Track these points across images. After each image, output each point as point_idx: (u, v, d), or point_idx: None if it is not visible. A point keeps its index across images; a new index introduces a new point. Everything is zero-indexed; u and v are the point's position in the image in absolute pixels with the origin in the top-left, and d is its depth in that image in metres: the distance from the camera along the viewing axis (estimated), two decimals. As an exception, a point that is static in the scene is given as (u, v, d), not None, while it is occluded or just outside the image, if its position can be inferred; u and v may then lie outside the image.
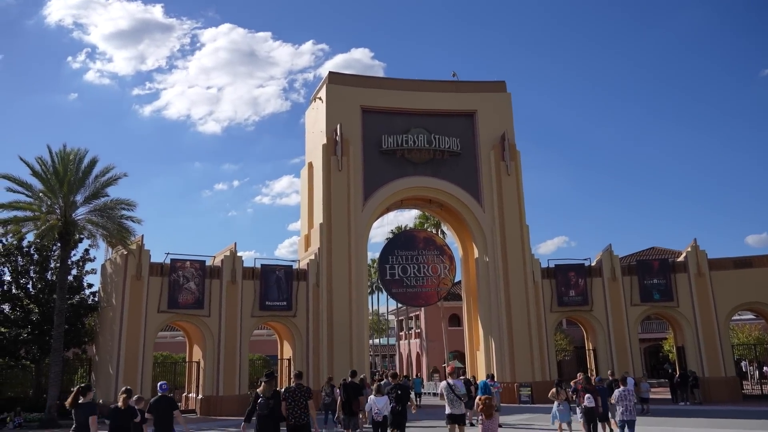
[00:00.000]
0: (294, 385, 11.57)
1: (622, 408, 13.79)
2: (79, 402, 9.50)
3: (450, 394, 13.05)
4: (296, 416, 11.01)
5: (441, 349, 46.92)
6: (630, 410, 13.78)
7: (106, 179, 24.70)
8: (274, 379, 11.41)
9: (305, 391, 11.35)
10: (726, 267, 30.41)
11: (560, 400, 15.84)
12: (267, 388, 10.89)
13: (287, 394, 11.23)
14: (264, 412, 10.73)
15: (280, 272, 28.97)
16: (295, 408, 11.02)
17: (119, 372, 24.94)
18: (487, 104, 33.09)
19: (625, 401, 13.81)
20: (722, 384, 28.77)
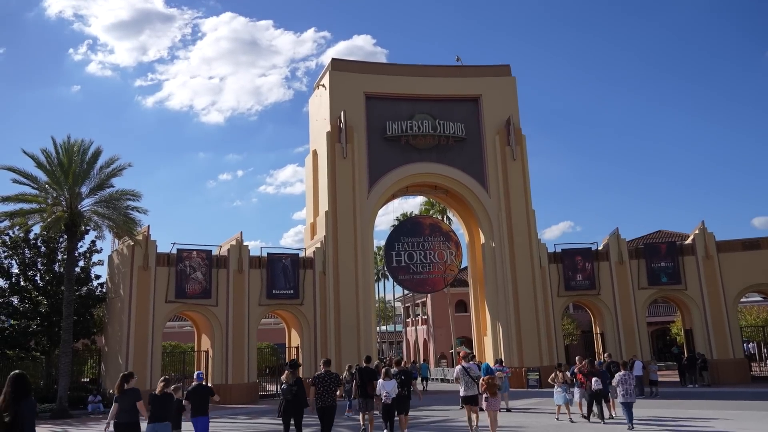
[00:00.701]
0: (323, 371, 12.31)
1: (623, 390, 14.54)
2: (125, 388, 10.18)
3: (465, 377, 13.92)
4: (324, 400, 11.88)
5: (448, 336, 46.97)
6: (630, 393, 14.49)
7: (111, 170, 24.68)
8: (298, 368, 12.37)
9: (334, 378, 12.20)
10: (734, 249, 30.23)
11: (560, 383, 16.35)
12: (290, 376, 11.87)
13: (317, 380, 12.07)
14: (288, 397, 11.68)
15: (287, 261, 28.99)
16: (324, 392, 11.91)
17: (128, 362, 25.07)
18: (492, 89, 32.84)
19: (626, 384, 14.55)
20: (731, 366, 28.72)
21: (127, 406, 10.01)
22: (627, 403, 14.50)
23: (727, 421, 14.87)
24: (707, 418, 15.53)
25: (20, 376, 6.96)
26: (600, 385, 15.59)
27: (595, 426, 15.33)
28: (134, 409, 10.01)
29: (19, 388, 6.78)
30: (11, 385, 6.77)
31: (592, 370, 16.13)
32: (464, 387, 13.97)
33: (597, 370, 16.16)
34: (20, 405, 6.63)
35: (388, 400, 13.14)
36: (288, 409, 11.71)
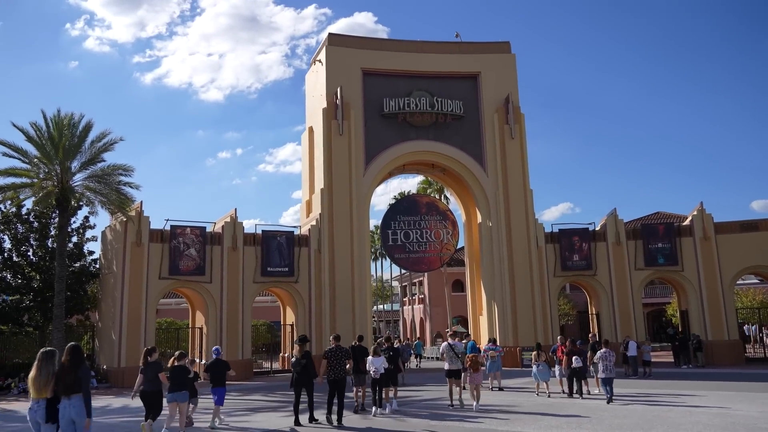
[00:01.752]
0: (334, 346, 13.28)
1: (603, 366, 15.44)
2: (148, 361, 11.55)
3: (450, 353, 15.26)
4: (336, 372, 12.81)
5: (444, 315, 47.05)
6: (609, 369, 15.38)
7: (102, 144, 24.30)
8: (306, 343, 13.18)
9: (344, 352, 13.23)
10: (732, 230, 30.04)
11: (540, 362, 17.10)
12: (300, 350, 12.75)
13: (329, 353, 13.08)
14: (297, 369, 12.49)
15: (282, 238, 28.80)
16: (335, 365, 12.87)
17: (122, 338, 25.02)
18: (491, 66, 32.36)
19: (606, 361, 15.45)
20: (725, 347, 28.72)
21: (151, 376, 11.35)
22: (608, 378, 15.31)
23: (704, 398, 14.83)
24: (684, 395, 15.47)
25: (76, 347, 8.28)
26: (579, 363, 16.42)
27: (578, 402, 15.41)
28: (157, 379, 11.32)
29: (76, 356, 8.15)
30: (69, 354, 8.14)
31: (573, 350, 16.94)
32: (448, 362, 15.23)
33: (577, 350, 16.94)
34: (78, 369, 8.00)
35: (377, 375, 13.99)
36: (298, 380, 12.47)
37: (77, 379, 7.87)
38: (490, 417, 13.13)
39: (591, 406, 14.42)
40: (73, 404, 7.80)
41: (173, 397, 11.62)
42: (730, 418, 11.94)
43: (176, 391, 11.66)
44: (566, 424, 11.78)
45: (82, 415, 7.82)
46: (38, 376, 7.87)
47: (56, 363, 8.12)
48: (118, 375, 24.77)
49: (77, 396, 7.84)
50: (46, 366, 7.94)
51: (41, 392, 7.83)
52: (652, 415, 12.66)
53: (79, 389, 7.85)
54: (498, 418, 12.90)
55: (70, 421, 7.79)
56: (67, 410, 7.79)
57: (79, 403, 7.83)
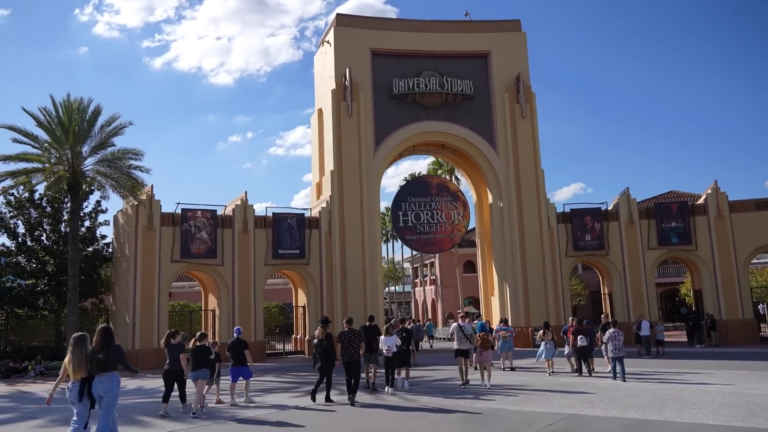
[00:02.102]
0: (347, 329, 13.65)
1: (612, 346, 15.79)
2: (171, 342, 12.36)
3: (459, 333, 15.81)
4: (350, 354, 13.24)
5: (456, 296, 47.08)
6: (618, 348, 15.72)
7: (112, 128, 24.32)
8: (328, 324, 13.57)
9: (357, 334, 13.65)
10: (747, 209, 29.64)
11: (547, 340, 17.74)
12: (322, 331, 13.20)
13: (342, 336, 13.44)
14: (319, 350, 13.04)
15: (292, 220, 28.82)
16: (349, 347, 13.29)
17: (135, 320, 25.28)
18: (501, 44, 31.91)
19: (615, 341, 15.80)
20: (739, 326, 28.49)
21: (174, 356, 12.18)
22: (618, 357, 15.65)
23: (718, 377, 14.69)
24: (698, 374, 15.33)
25: (106, 329, 8.87)
26: (585, 342, 16.86)
27: (590, 381, 15.41)
28: (179, 360, 12.09)
29: (107, 336, 8.68)
30: (100, 335, 8.69)
31: (578, 329, 17.34)
32: (458, 342, 15.79)
33: (583, 329, 17.35)
34: (109, 349, 8.54)
35: (389, 354, 14.48)
36: (320, 362, 13.07)
37: (108, 358, 8.41)
38: (502, 396, 13.13)
39: (603, 385, 14.36)
40: (102, 381, 8.35)
41: (195, 375, 12.39)
42: (744, 397, 11.83)
43: (197, 369, 12.43)
44: (578, 403, 11.73)
45: (108, 391, 8.37)
46: (72, 359, 8.42)
47: (88, 346, 8.60)
48: (132, 357, 24.89)
49: (108, 374, 8.39)
50: (78, 349, 8.47)
51: (76, 374, 8.40)
52: (665, 394, 12.58)
53: (111, 368, 8.43)
54: (510, 398, 12.89)
55: (99, 396, 8.40)
56: (97, 387, 8.37)
57: (108, 381, 8.38)
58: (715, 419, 9.68)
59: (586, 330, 17.27)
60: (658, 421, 9.68)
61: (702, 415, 10.06)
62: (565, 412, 10.73)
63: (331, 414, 11.79)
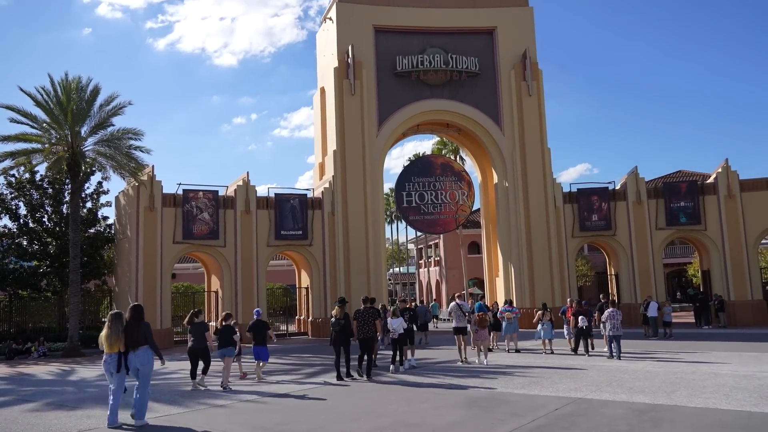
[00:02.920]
0: (363, 308, 14.13)
1: (610, 326, 16.28)
2: (195, 321, 13.21)
3: (457, 311, 16.59)
4: (365, 332, 13.69)
5: (460, 277, 46.84)
6: (617, 327, 16.20)
7: (111, 108, 23.92)
8: (345, 304, 14.05)
9: (373, 312, 14.06)
10: (758, 188, 29.08)
11: (545, 321, 18.30)
12: (339, 311, 13.66)
13: (358, 314, 13.90)
14: (336, 329, 13.45)
15: (295, 201, 28.50)
16: (364, 325, 13.73)
17: (138, 301, 25.01)
18: (507, 20, 31.19)
19: (613, 320, 16.29)
20: (748, 307, 28.14)
21: (198, 335, 13.06)
22: (615, 336, 16.13)
23: (728, 360, 14.31)
24: (707, 356, 15.00)
25: (137, 306, 9.67)
26: (586, 322, 17.30)
27: (597, 363, 15.06)
28: (203, 337, 13.03)
29: (137, 313, 9.49)
30: (131, 313, 9.51)
31: (579, 310, 17.79)
32: (456, 320, 16.66)
33: (583, 310, 17.79)
34: (140, 325, 9.37)
35: (395, 335, 14.97)
36: (337, 339, 13.44)
37: (140, 334, 9.26)
38: (507, 378, 12.85)
39: (611, 368, 14.05)
40: (138, 355, 9.22)
41: (222, 353, 13.14)
42: (757, 380, 11.48)
43: (224, 347, 13.17)
44: (585, 386, 11.42)
45: (145, 364, 9.31)
46: (110, 334, 9.20)
47: (123, 322, 9.39)
48: (135, 339, 24.93)
49: (142, 348, 9.26)
50: (115, 325, 9.22)
51: (113, 347, 9.19)
52: (674, 377, 12.25)
53: (142, 342, 9.25)
54: (515, 380, 12.60)
55: (136, 369, 9.27)
56: (133, 361, 9.22)
57: (143, 354, 9.27)
58: (728, 404, 9.34)
59: (585, 311, 17.76)
60: (668, 406, 9.36)
61: (714, 399, 9.74)
62: (571, 396, 10.42)
63: (332, 395, 11.54)
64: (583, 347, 17.39)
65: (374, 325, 13.86)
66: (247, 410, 10.36)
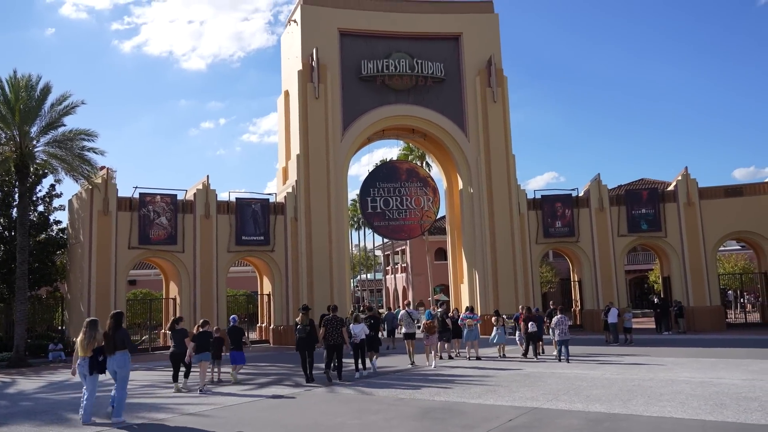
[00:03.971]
0: (330, 315, 14.76)
1: (559, 331, 17.39)
2: (176, 328, 14.10)
3: (407, 319, 18.15)
4: (333, 338, 14.26)
5: (426, 283, 46.58)
6: (564, 332, 17.32)
7: (63, 108, 22.98)
8: (309, 311, 14.83)
9: (339, 320, 14.66)
10: (716, 196, 29.59)
11: (498, 326, 19.17)
12: (304, 318, 14.33)
13: (326, 322, 14.50)
14: (302, 335, 14.13)
15: (257, 206, 27.88)
16: (332, 332, 14.29)
17: (90, 309, 24.13)
18: (473, 26, 31.19)
19: (561, 326, 17.42)
20: (707, 313, 28.53)
21: (179, 340, 13.90)
22: (564, 340, 17.17)
23: (686, 366, 14.31)
24: (665, 362, 15.00)
25: (117, 314, 10.33)
26: (534, 328, 18.43)
27: (556, 372, 14.84)
28: (183, 343, 13.76)
29: (116, 321, 10.12)
30: (111, 320, 10.14)
31: (529, 316, 18.90)
32: (406, 326, 18.04)
33: (532, 316, 18.93)
34: (118, 331, 10.03)
35: (357, 341, 15.38)
36: (302, 344, 14.10)
37: (117, 339, 9.90)
38: (464, 387, 12.55)
39: (569, 375, 13.88)
40: (116, 359, 9.88)
41: (198, 357, 13.69)
42: (713, 387, 11.42)
43: (200, 352, 13.72)
44: (542, 395, 11.18)
45: (122, 367, 9.97)
46: (84, 339, 9.91)
47: (99, 329, 10.08)
48: (87, 348, 23.96)
49: (119, 352, 9.90)
50: (90, 331, 9.95)
51: (86, 351, 9.85)
52: (632, 384, 12.12)
53: (120, 347, 9.90)
54: (472, 389, 12.31)
55: (114, 371, 9.93)
56: (111, 364, 9.89)
57: (120, 358, 9.92)
58: (684, 412, 9.19)
59: (534, 317, 18.87)
60: (624, 415, 9.16)
61: (670, 407, 9.58)
62: (527, 406, 10.16)
63: (280, 407, 11.08)
64: (532, 351, 18.47)
65: (341, 332, 14.40)
66: (185, 425, 9.79)
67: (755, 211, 29.02)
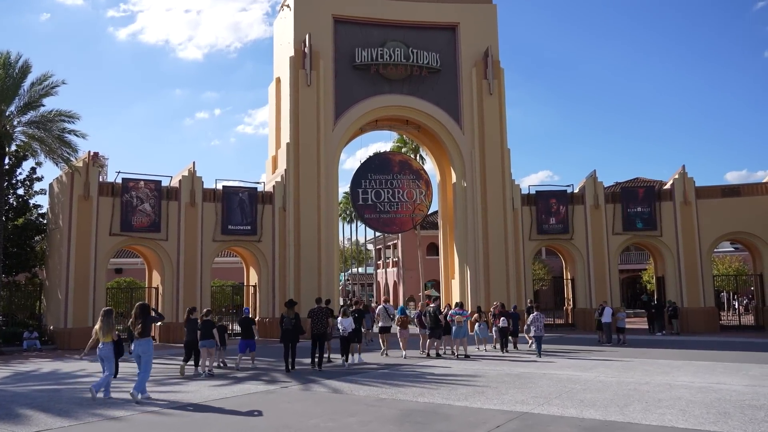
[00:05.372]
0: (317, 307, 15.90)
1: (535, 327, 18.22)
2: (190, 318, 15.21)
3: (384, 314, 19.23)
4: (318, 328, 15.34)
5: (417, 278, 45.94)
6: (540, 329, 18.17)
7: (43, 88, 22.13)
8: (295, 304, 15.84)
9: (325, 311, 15.84)
10: (713, 195, 29.03)
11: (481, 322, 20.33)
12: (289, 311, 15.38)
13: (312, 313, 15.61)
14: (288, 327, 15.09)
15: (244, 194, 27.10)
16: (317, 322, 15.39)
17: (68, 297, 23.38)
18: (470, 16, 30.41)
19: (537, 322, 18.23)
20: (701, 314, 28.01)
21: (191, 329, 14.92)
22: (538, 336, 18.06)
23: (683, 369, 13.71)
24: (661, 364, 14.41)
25: (142, 305, 11.76)
26: (506, 323, 19.64)
27: (548, 373, 14.16)
28: (195, 332, 14.80)
29: (142, 311, 11.55)
30: (137, 310, 11.61)
31: (502, 312, 20.16)
32: (382, 321, 19.19)
33: (504, 312, 20.23)
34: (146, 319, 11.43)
35: (345, 333, 16.20)
36: (287, 335, 15.02)
37: (144, 326, 11.24)
38: (450, 388, 11.88)
39: (561, 377, 13.24)
40: (140, 344, 11.22)
41: (203, 344, 14.66)
42: (714, 393, 10.80)
43: (205, 339, 14.66)
44: (533, 398, 10.53)
45: (146, 351, 11.19)
46: (102, 327, 11.36)
47: (113, 318, 11.63)
48: (64, 336, 23.18)
49: (145, 338, 11.25)
50: (106, 320, 11.43)
51: (105, 337, 11.32)
52: (627, 388, 11.49)
53: (146, 334, 11.26)
54: (458, 389, 11.64)
55: (138, 355, 11.16)
56: (136, 348, 11.23)
57: (145, 343, 11.24)
58: (686, 421, 8.55)
59: (506, 313, 20.16)
60: (621, 423, 8.51)
61: (670, 415, 8.94)
62: (517, 410, 9.50)
63: (250, 405, 10.36)
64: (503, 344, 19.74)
65: (327, 322, 15.49)
66: (141, 425, 9.03)
67: (752, 212, 28.48)
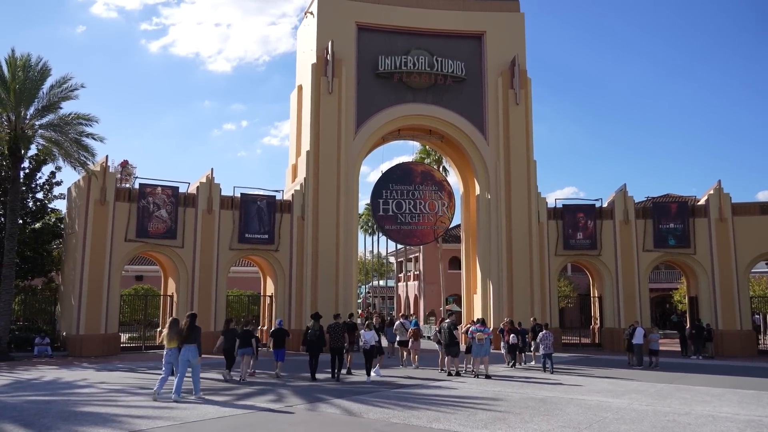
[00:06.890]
0: (334, 323, 16.90)
1: (543, 345, 18.91)
2: (229, 327, 16.73)
3: (401, 329, 20.72)
4: (336, 342, 16.38)
5: (438, 292, 44.91)
6: (548, 346, 18.80)
7: (62, 91, 21.90)
8: (320, 318, 17.13)
9: (343, 326, 16.93)
10: (751, 212, 27.62)
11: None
12: (315, 324, 16.61)
13: (330, 329, 16.59)
14: (313, 338, 16.34)
15: (262, 202, 26.57)
16: (335, 336, 16.45)
17: (82, 303, 22.97)
18: (497, 25, 29.67)
19: (546, 341, 18.92)
20: (736, 338, 26.53)
21: (229, 338, 16.26)
22: (547, 354, 18.74)
23: (725, 398, 12.56)
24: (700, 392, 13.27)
25: (192, 315, 12.83)
26: (515, 339, 20.17)
27: (575, 398, 13.13)
28: (233, 341, 16.11)
29: (192, 320, 12.65)
30: (189, 318, 12.72)
31: (511, 329, 20.72)
32: (399, 335, 20.73)
33: (514, 329, 20.76)
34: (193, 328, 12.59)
35: (367, 347, 16.68)
36: (312, 345, 16.27)
37: (191, 335, 12.40)
38: (468, 414, 10.97)
39: (591, 404, 12.22)
40: (189, 350, 12.36)
41: (242, 351, 16.09)
42: (765, 429, 9.72)
43: (243, 347, 16.12)
44: (560, 429, 9.58)
45: (194, 357, 12.40)
46: (168, 334, 12.52)
47: (179, 325, 12.63)
48: (76, 343, 22.77)
49: (192, 345, 12.37)
50: (172, 328, 12.59)
51: (170, 344, 12.47)
52: (665, 419, 10.45)
53: (193, 341, 12.38)
54: (477, 415, 10.74)
55: (186, 360, 12.34)
56: (185, 354, 12.37)
57: (193, 350, 12.37)
58: (735, 462, 7.56)
59: (516, 330, 20.70)
60: (661, 461, 7.55)
61: (716, 454, 7.95)
62: (543, 441, 8.59)
63: (247, 428, 9.60)
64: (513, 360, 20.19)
65: (344, 336, 16.50)
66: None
67: (793, 231, 26.99)
